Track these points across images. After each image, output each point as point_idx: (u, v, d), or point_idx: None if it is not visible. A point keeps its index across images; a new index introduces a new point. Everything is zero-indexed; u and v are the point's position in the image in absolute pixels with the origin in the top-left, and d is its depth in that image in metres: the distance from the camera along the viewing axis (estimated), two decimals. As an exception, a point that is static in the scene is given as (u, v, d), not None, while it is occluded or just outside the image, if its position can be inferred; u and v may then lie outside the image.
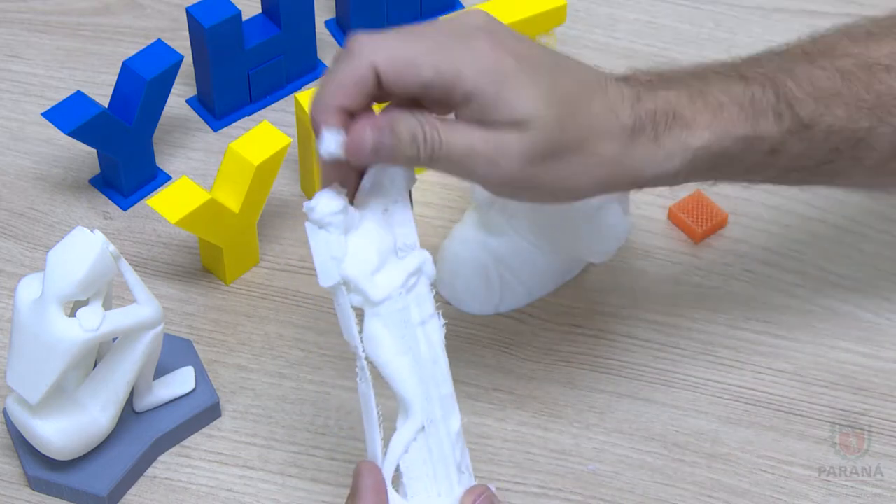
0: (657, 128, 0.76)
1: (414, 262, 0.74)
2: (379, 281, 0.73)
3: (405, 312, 0.74)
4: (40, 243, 0.98)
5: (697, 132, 0.77)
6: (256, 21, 1.05)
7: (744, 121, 0.78)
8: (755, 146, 0.78)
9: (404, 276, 0.74)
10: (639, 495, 0.86)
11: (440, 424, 0.75)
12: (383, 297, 0.73)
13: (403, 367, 0.74)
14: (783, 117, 0.78)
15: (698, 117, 0.77)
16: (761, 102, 0.78)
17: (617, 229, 0.90)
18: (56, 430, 0.83)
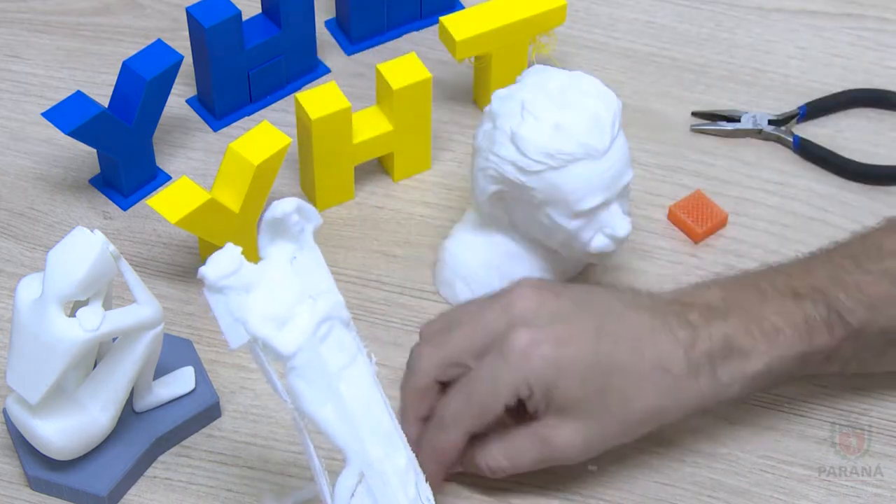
0: (714, 363, 0.81)
1: (322, 309, 0.73)
2: (287, 335, 0.72)
3: (320, 362, 0.73)
4: (40, 243, 0.98)
5: (754, 360, 0.82)
6: (256, 21, 1.05)
7: (798, 341, 0.82)
8: (810, 359, 0.83)
9: (314, 325, 0.72)
10: (639, 495, 0.86)
11: (383, 464, 0.74)
12: (294, 351, 0.72)
13: (328, 418, 0.73)
14: (835, 330, 0.82)
15: (756, 346, 0.82)
16: (815, 319, 0.82)
17: (617, 229, 0.90)
18: (56, 430, 0.83)
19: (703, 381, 0.81)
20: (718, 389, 0.82)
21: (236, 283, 0.71)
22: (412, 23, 1.12)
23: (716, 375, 0.81)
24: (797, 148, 1.04)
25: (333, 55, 1.11)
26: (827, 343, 0.82)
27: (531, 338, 0.80)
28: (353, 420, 0.73)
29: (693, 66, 1.10)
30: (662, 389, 0.81)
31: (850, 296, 0.83)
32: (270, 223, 0.72)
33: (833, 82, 1.08)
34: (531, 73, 0.91)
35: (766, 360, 0.82)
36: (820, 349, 0.83)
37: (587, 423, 0.81)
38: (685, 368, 0.81)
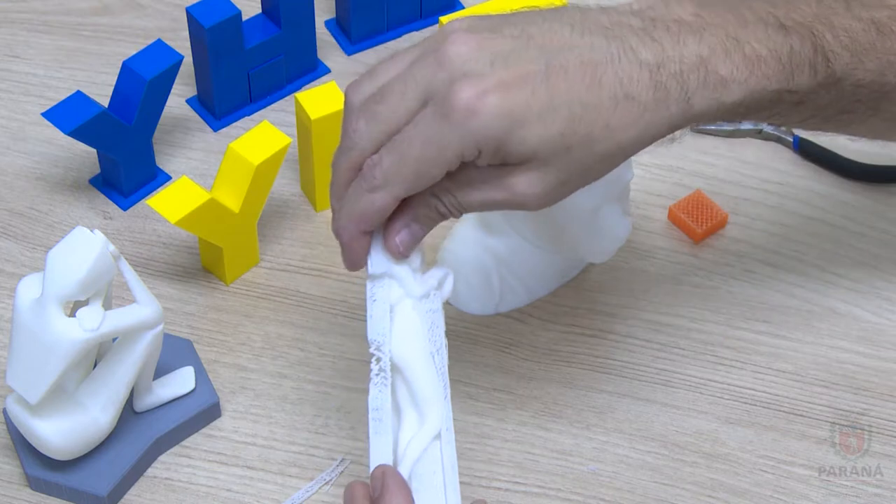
0: (687, 88, 0.73)
1: (440, 273, 0.77)
2: (419, 279, 0.76)
3: (436, 315, 0.76)
4: (40, 243, 0.98)
5: (733, 89, 0.74)
6: (256, 21, 1.05)
7: (778, 75, 0.75)
8: (785, 98, 0.76)
9: (436, 281, 0.77)
10: (639, 495, 0.86)
11: (450, 435, 0.74)
12: (423, 293, 0.76)
13: (430, 369, 0.75)
14: (817, 70, 0.77)
15: (735, 74, 0.74)
16: (799, 55, 0.76)
17: (617, 229, 0.90)
18: (56, 430, 0.82)
19: (674, 109, 0.73)
20: (691, 117, 0.74)
21: None
22: (412, 23, 1.12)
23: (689, 103, 0.73)
24: (797, 148, 1.04)
25: (333, 55, 1.11)
26: (807, 85, 0.76)
27: (474, 90, 0.70)
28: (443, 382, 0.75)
29: (693, 66, 1.10)
30: (628, 122, 0.72)
31: (837, 39, 0.77)
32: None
33: (833, 82, 1.08)
34: (531, 72, 0.91)
35: (745, 91, 0.74)
36: (798, 90, 0.76)
37: (546, 171, 0.72)
38: (652, 95, 0.72)
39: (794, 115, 0.78)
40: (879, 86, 0.79)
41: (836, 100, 0.78)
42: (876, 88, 0.79)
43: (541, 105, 0.71)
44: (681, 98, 0.73)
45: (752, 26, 0.75)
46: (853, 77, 0.78)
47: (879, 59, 0.78)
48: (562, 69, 0.72)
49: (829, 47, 0.77)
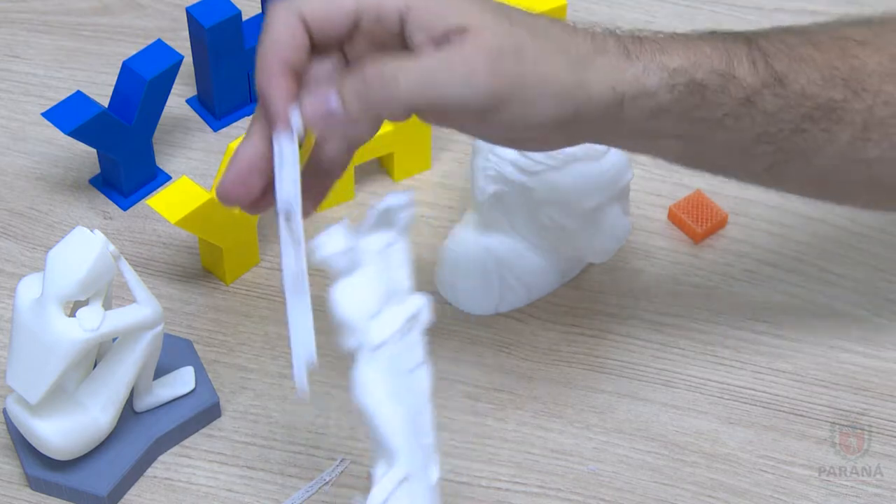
0: (626, 46, 0.74)
1: (412, 307, 0.72)
2: (377, 325, 0.71)
3: (398, 359, 0.72)
4: (40, 243, 0.98)
5: (671, 55, 0.74)
6: (256, 21, 1.05)
7: (718, 58, 0.75)
8: (730, 88, 0.75)
9: (402, 321, 0.72)
10: (639, 495, 0.86)
11: (422, 476, 0.73)
12: (381, 342, 0.71)
13: (394, 416, 0.72)
14: (757, 65, 0.76)
15: (671, 45, 0.75)
16: (734, 48, 0.76)
17: (617, 229, 0.90)
18: (56, 430, 0.83)
19: (615, 56, 0.73)
20: (635, 71, 0.73)
21: (343, 263, 0.71)
22: (412, 23, 1.12)
23: (629, 55, 0.73)
24: (797, 148, 1.04)
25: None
26: (748, 76, 0.75)
27: None
28: (409, 424, 0.72)
29: (693, 66, 1.10)
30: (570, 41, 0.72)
31: (773, 44, 0.77)
32: (382, 213, 0.72)
33: (833, 82, 1.08)
34: (531, 72, 0.91)
35: (682, 59, 0.74)
36: (741, 80, 0.75)
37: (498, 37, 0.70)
38: (590, 39, 0.73)
39: (747, 120, 0.77)
40: (826, 100, 0.77)
41: (784, 108, 0.77)
42: (822, 102, 0.77)
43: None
44: (619, 49, 0.73)
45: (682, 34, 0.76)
46: (796, 82, 0.77)
47: (821, 70, 0.78)
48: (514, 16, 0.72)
49: (766, 49, 0.77)
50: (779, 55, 0.77)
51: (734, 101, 0.76)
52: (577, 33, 0.73)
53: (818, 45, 0.79)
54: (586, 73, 0.72)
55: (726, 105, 0.76)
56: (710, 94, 0.75)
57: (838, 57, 0.78)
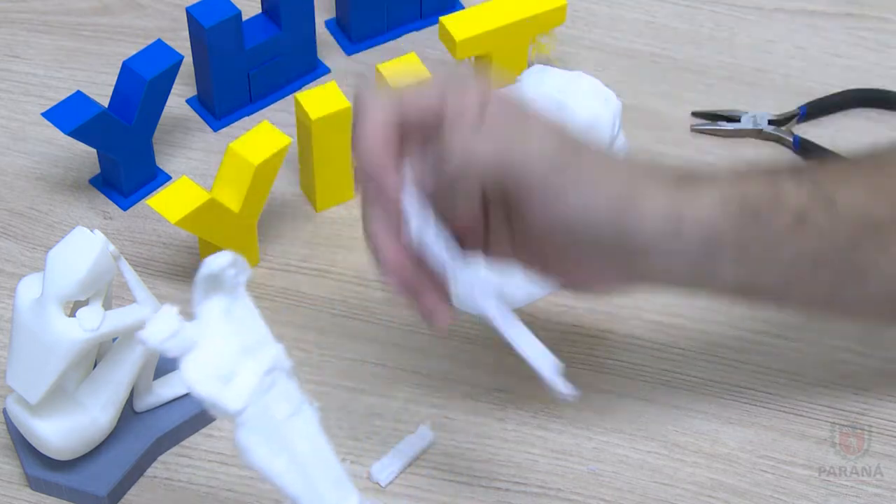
0: (677, 176, 0.76)
1: (266, 362, 0.72)
2: (233, 391, 0.71)
3: (268, 414, 0.71)
4: (40, 243, 0.98)
5: (720, 181, 0.77)
6: (256, 21, 1.05)
7: (766, 182, 0.78)
8: (781, 209, 0.77)
9: (259, 378, 0.71)
10: (639, 495, 0.86)
11: None
12: (242, 406, 0.71)
13: (281, 470, 0.71)
14: (804, 188, 0.78)
15: (717, 173, 0.77)
16: (779, 174, 0.78)
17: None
18: (56, 430, 0.82)
19: (668, 183, 0.76)
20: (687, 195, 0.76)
21: (178, 344, 0.70)
22: (412, 23, 1.12)
23: (680, 184, 0.76)
24: (797, 148, 1.04)
25: (333, 55, 1.11)
26: (797, 199, 0.77)
27: None
28: (306, 468, 0.72)
29: (693, 66, 1.10)
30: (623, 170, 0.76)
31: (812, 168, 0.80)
32: (206, 279, 0.72)
33: (833, 82, 1.08)
34: (531, 73, 0.91)
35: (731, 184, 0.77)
36: (788, 196, 0.77)
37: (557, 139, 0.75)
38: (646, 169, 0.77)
39: (801, 239, 0.78)
40: (873, 217, 0.79)
41: (837, 226, 0.78)
42: (869, 220, 0.79)
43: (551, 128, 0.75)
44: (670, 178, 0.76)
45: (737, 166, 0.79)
46: (846, 201, 0.78)
47: (865, 186, 0.79)
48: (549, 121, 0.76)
49: (809, 172, 0.79)
50: (825, 178, 0.79)
51: (788, 220, 0.77)
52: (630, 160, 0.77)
53: (860, 166, 0.81)
54: (643, 189, 0.75)
55: (781, 226, 0.77)
56: (764, 216, 0.77)
57: (878, 173, 0.80)
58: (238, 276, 0.72)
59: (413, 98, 0.75)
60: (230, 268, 0.72)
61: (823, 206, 0.78)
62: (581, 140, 0.76)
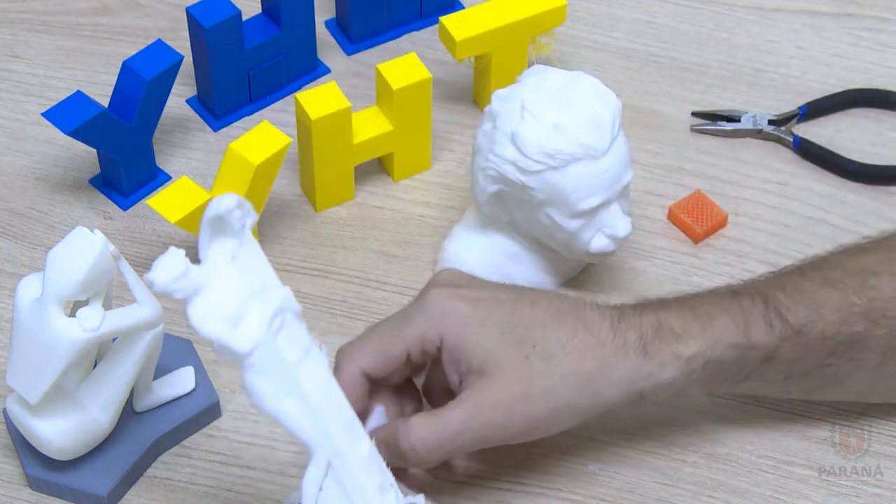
0: (644, 339, 0.79)
1: (273, 303, 0.72)
2: (242, 333, 0.70)
3: (278, 356, 0.71)
4: (40, 243, 0.98)
5: (688, 341, 0.80)
6: (256, 21, 1.05)
7: (734, 330, 0.80)
8: (749, 354, 0.81)
9: (268, 320, 0.71)
10: (639, 495, 0.86)
11: (348, 454, 0.73)
12: (251, 348, 0.70)
13: (290, 412, 0.72)
14: (774, 326, 0.81)
15: (688, 328, 0.80)
16: (751, 312, 0.81)
17: (617, 229, 0.90)
18: (56, 430, 0.82)
19: (633, 357, 0.79)
20: (651, 369, 0.79)
21: (185, 286, 0.70)
22: (412, 23, 1.12)
23: (647, 353, 0.79)
24: (797, 148, 1.04)
25: (333, 55, 1.11)
26: (765, 339, 0.80)
27: (448, 293, 0.79)
28: (316, 411, 0.72)
29: (693, 66, 1.10)
30: (588, 351, 0.78)
31: (789, 296, 0.82)
32: (212, 221, 0.71)
33: (833, 82, 1.08)
34: (531, 73, 0.91)
35: (699, 344, 0.80)
36: (758, 345, 0.81)
37: (510, 383, 0.78)
38: (611, 336, 0.79)
39: (771, 372, 0.82)
40: (847, 335, 0.81)
41: (806, 353, 0.81)
42: (844, 338, 0.81)
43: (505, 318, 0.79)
44: (637, 346, 0.79)
45: (706, 297, 0.82)
46: (815, 329, 0.81)
47: (839, 310, 0.81)
48: (529, 302, 0.80)
49: (782, 304, 0.81)
50: (796, 307, 0.81)
51: (755, 362, 0.81)
52: (597, 341, 0.79)
53: (834, 283, 0.82)
54: (604, 376, 0.79)
55: (747, 367, 0.81)
56: (729, 365, 0.81)
57: (855, 292, 0.82)
58: (243, 218, 0.72)
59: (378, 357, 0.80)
60: (236, 209, 0.71)
61: (792, 340, 0.81)
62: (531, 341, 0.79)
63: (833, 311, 0.81)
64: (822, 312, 0.81)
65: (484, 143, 0.89)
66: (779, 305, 0.81)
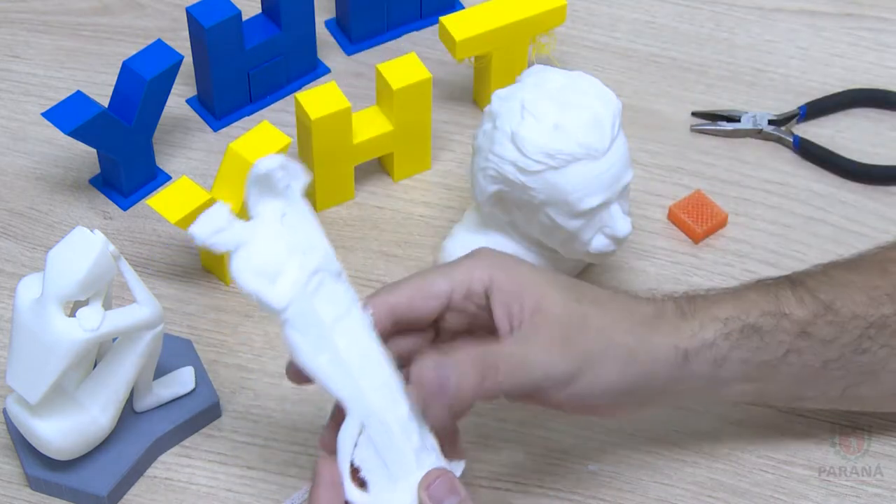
0: (682, 307, 0.80)
1: (313, 262, 0.73)
2: (278, 288, 0.72)
3: (313, 313, 0.73)
4: (40, 243, 0.98)
5: (722, 305, 0.80)
6: (256, 21, 1.05)
7: (766, 301, 0.81)
8: (783, 325, 0.80)
9: (305, 278, 0.73)
10: (639, 495, 0.86)
11: (384, 413, 0.73)
12: (286, 304, 0.72)
13: (324, 368, 0.73)
14: (805, 301, 0.81)
15: (720, 298, 0.81)
16: (779, 289, 0.81)
17: (617, 229, 0.90)
18: (56, 430, 0.83)
19: (674, 320, 0.79)
20: (692, 328, 0.79)
21: (227, 240, 0.71)
22: (412, 23, 1.12)
23: (685, 316, 0.79)
24: (797, 148, 1.04)
25: (333, 55, 1.11)
26: (798, 311, 0.80)
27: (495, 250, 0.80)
28: (351, 370, 0.73)
29: (693, 66, 1.10)
30: (634, 305, 0.79)
31: (814, 278, 0.82)
32: (256, 180, 0.73)
33: (833, 82, 1.08)
34: (531, 73, 0.91)
35: (733, 308, 0.80)
36: (792, 316, 0.80)
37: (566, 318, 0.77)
38: (651, 305, 0.80)
39: (808, 353, 0.81)
40: (878, 318, 0.82)
41: (841, 332, 0.81)
42: (875, 320, 0.81)
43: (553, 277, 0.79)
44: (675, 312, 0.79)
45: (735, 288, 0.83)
46: (844, 306, 0.81)
47: (865, 291, 0.82)
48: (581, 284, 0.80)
49: (808, 283, 0.82)
50: (822, 287, 0.82)
51: (791, 336, 0.80)
52: (640, 301, 0.80)
53: (858, 269, 0.83)
54: (649, 336, 0.78)
55: (785, 342, 0.80)
56: (767, 334, 0.80)
57: (879, 276, 0.83)
58: (288, 179, 0.73)
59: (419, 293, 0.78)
60: (279, 170, 0.73)
61: (825, 317, 0.81)
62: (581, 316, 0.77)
63: (859, 291, 0.82)
64: (848, 292, 0.81)
65: (484, 143, 0.89)
66: (805, 284, 0.82)
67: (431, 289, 0.77)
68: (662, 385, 0.79)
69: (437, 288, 0.77)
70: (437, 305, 0.78)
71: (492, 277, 0.77)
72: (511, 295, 0.77)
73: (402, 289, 0.77)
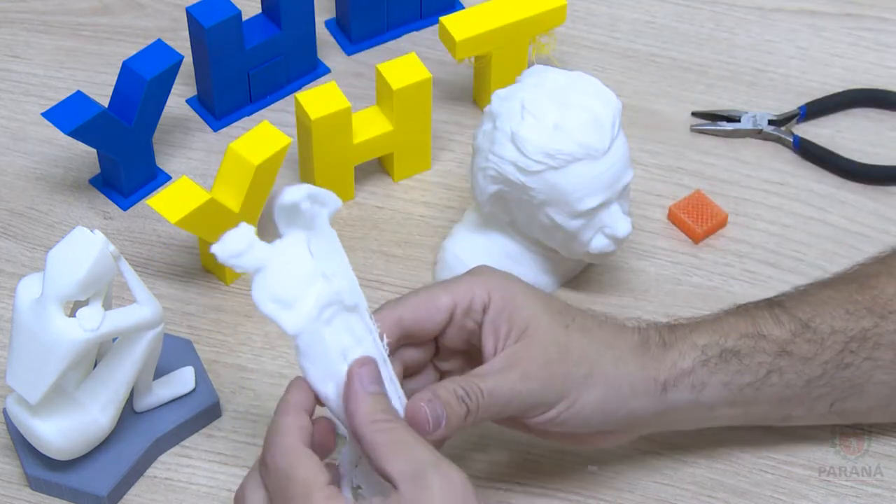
0: (663, 336, 0.81)
1: (327, 294, 0.73)
2: (291, 316, 0.72)
3: (323, 344, 0.73)
4: (40, 243, 0.98)
5: (701, 332, 0.81)
6: (256, 21, 1.05)
7: (743, 323, 0.82)
8: (762, 346, 0.81)
9: (317, 309, 0.73)
10: (639, 495, 0.86)
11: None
12: (297, 332, 0.72)
13: (331, 395, 0.74)
14: (782, 320, 0.82)
15: (700, 324, 0.82)
16: (757, 311, 0.83)
17: (617, 229, 0.90)
18: (56, 430, 0.83)
19: (655, 351, 0.81)
20: (672, 358, 0.81)
21: (248, 263, 0.72)
22: (412, 23, 1.12)
23: (666, 345, 0.81)
24: (797, 148, 1.04)
25: (333, 55, 1.11)
26: (776, 331, 0.82)
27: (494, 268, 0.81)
28: None
29: (693, 66, 1.10)
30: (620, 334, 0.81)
31: (791, 298, 0.84)
32: (282, 210, 0.74)
33: (833, 82, 1.08)
34: (531, 73, 0.91)
35: (712, 334, 0.81)
36: (770, 336, 0.81)
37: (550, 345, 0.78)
38: (636, 334, 0.81)
39: (790, 372, 0.82)
40: (857, 331, 0.82)
41: (822, 350, 0.82)
42: (855, 333, 0.82)
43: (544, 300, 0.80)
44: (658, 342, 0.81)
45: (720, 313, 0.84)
46: (823, 323, 0.82)
47: (844, 307, 0.83)
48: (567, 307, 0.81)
49: (784, 303, 0.83)
50: (800, 305, 0.83)
51: (770, 356, 0.81)
52: (626, 330, 0.82)
53: (836, 286, 0.84)
54: (630, 367, 0.80)
55: (765, 363, 0.81)
56: (746, 356, 0.82)
57: (857, 291, 0.83)
58: (315, 209, 0.74)
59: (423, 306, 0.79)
60: (305, 200, 0.73)
61: (804, 334, 0.82)
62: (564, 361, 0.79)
63: (837, 307, 0.82)
64: (827, 308, 0.82)
65: (484, 143, 0.89)
66: (782, 304, 0.83)
67: (436, 303, 0.79)
68: (643, 416, 0.81)
69: (442, 302, 0.79)
70: (442, 319, 0.79)
71: (490, 296, 0.79)
72: (502, 315, 0.78)
73: (408, 302, 0.79)
